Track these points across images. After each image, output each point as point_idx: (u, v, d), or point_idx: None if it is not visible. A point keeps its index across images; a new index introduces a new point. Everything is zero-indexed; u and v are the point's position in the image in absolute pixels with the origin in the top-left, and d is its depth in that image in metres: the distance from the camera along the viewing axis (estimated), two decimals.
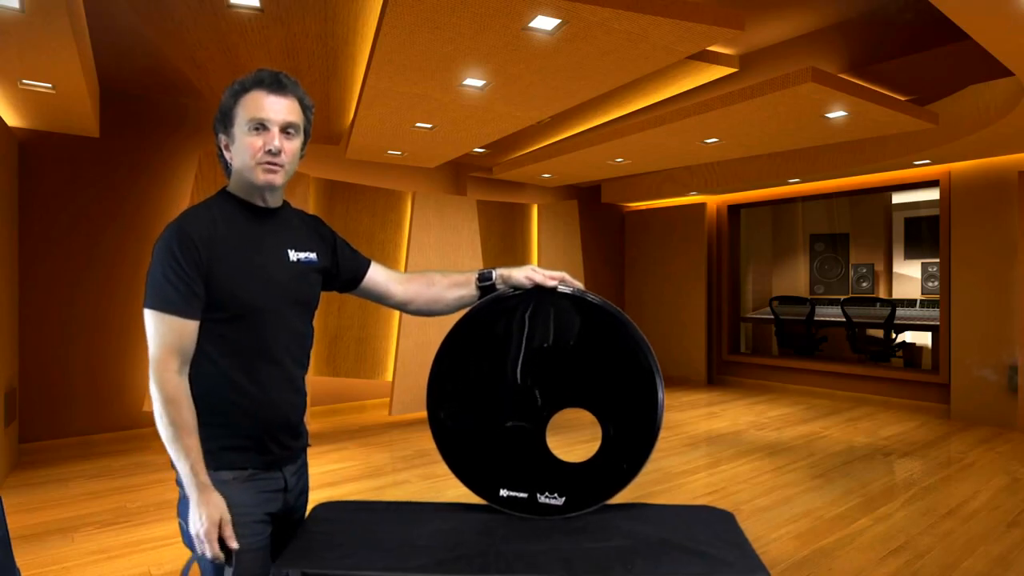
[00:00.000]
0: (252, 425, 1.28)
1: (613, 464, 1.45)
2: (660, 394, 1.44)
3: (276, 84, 1.28)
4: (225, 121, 1.29)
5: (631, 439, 1.45)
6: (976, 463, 4.31)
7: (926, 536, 3.06)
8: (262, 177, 1.27)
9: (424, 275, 1.55)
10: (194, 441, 1.19)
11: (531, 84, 3.56)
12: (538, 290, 1.46)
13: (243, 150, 1.27)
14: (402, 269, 5.76)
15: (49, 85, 3.41)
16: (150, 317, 1.20)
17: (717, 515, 1.49)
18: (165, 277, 1.20)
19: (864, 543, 2.97)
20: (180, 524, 1.28)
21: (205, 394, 1.24)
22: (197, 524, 1.17)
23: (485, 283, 1.50)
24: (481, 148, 5.94)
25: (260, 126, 1.26)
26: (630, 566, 1.20)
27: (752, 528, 3.14)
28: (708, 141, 4.95)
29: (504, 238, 6.67)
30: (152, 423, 4.89)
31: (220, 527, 1.18)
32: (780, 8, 3.76)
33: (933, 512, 3.37)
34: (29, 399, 4.49)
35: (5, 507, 1.41)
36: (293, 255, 1.35)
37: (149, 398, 4.53)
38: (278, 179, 1.29)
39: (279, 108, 1.27)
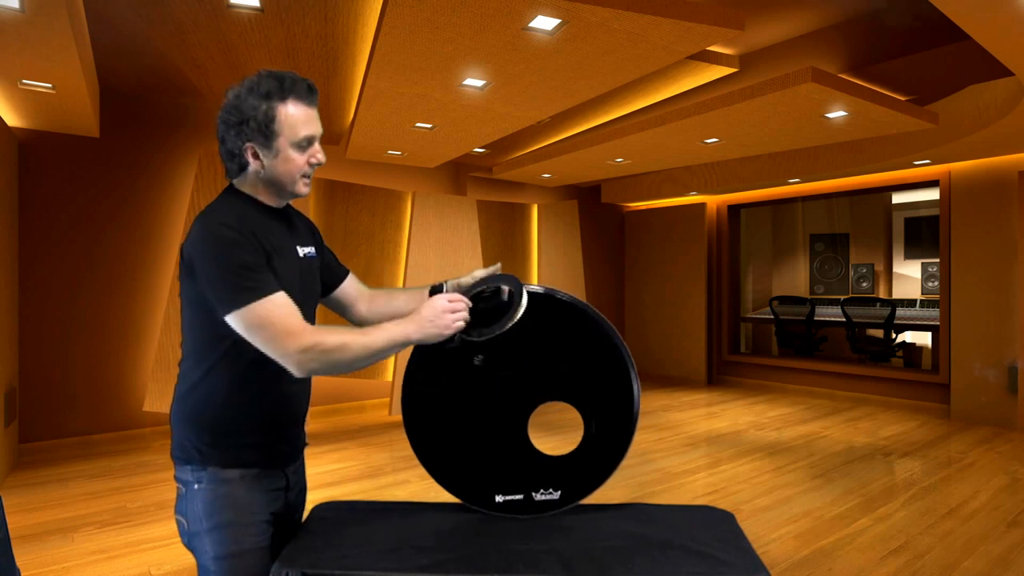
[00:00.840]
0: (269, 422, 1.30)
1: (600, 448, 1.45)
2: (632, 371, 1.45)
3: (311, 94, 1.27)
4: (263, 131, 1.23)
5: (612, 422, 1.45)
6: (976, 463, 4.31)
7: (926, 536, 3.06)
8: (304, 190, 1.31)
9: (387, 292, 1.56)
10: (367, 330, 1.22)
11: (531, 84, 3.57)
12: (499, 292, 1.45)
13: (288, 163, 1.26)
14: (402, 269, 5.77)
15: (49, 85, 3.41)
16: (252, 312, 1.14)
17: (717, 515, 1.49)
18: (242, 265, 1.16)
19: (864, 543, 2.97)
20: (179, 521, 1.27)
21: (230, 390, 1.24)
22: (430, 316, 1.24)
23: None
24: (481, 148, 5.94)
25: (309, 143, 1.27)
26: (630, 566, 1.20)
27: (752, 528, 3.14)
28: (708, 141, 4.95)
29: (504, 238, 6.68)
30: (152, 423, 4.90)
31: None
32: (780, 8, 3.76)
33: (933, 512, 3.37)
34: (29, 399, 4.49)
35: (5, 507, 1.41)
36: (300, 250, 1.36)
37: (149, 397, 4.53)
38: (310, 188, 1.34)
39: (318, 121, 1.29)
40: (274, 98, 1.23)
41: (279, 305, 1.16)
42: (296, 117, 1.24)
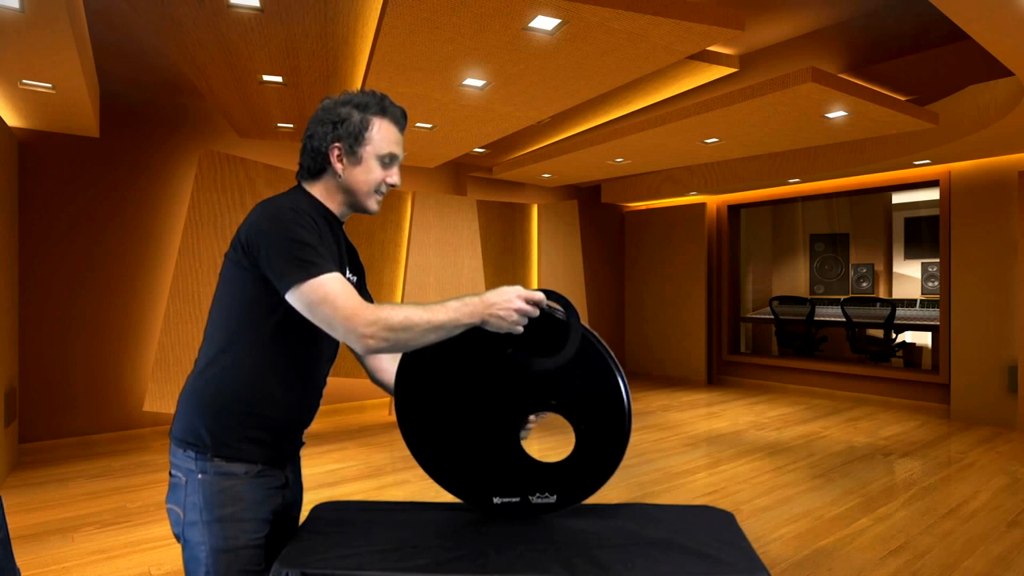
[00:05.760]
0: (279, 421, 1.31)
1: (595, 455, 1.43)
2: (619, 374, 1.41)
3: (403, 119, 1.36)
4: (356, 137, 1.30)
5: (604, 429, 1.42)
6: (976, 463, 4.31)
7: (926, 536, 3.06)
8: (375, 207, 1.37)
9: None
10: (428, 306, 1.19)
11: (531, 84, 3.56)
12: None
13: (368, 175, 1.32)
14: (402, 269, 5.76)
15: (49, 85, 3.41)
16: (313, 288, 1.14)
17: (717, 515, 1.49)
18: (303, 242, 1.18)
19: (864, 543, 2.97)
20: (173, 511, 1.28)
21: (249, 384, 1.25)
22: (503, 304, 1.22)
23: None
24: (481, 148, 5.94)
25: (391, 160, 1.33)
26: (630, 566, 1.20)
27: (752, 528, 3.14)
28: (708, 141, 4.95)
29: (504, 238, 6.67)
30: (152, 423, 4.91)
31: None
32: (780, 8, 3.76)
33: (933, 512, 3.37)
34: (29, 399, 4.49)
35: (5, 507, 1.41)
36: (348, 274, 1.37)
37: (149, 397, 4.53)
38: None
39: (402, 146, 1.37)
40: (371, 111, 1.31)
41: (341, 284, 1.17)
42: (389, 133, 1.32)
